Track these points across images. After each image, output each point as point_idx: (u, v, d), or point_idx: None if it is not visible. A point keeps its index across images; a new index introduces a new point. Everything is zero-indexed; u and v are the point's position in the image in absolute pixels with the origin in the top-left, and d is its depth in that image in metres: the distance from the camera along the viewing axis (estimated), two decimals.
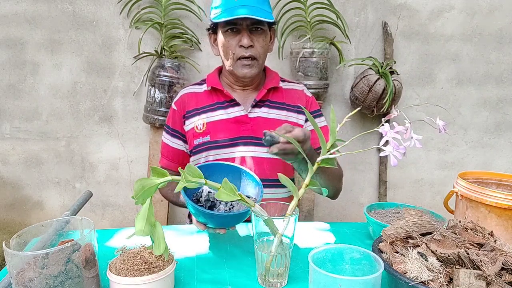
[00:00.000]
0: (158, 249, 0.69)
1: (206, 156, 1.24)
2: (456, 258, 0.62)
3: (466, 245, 0.66)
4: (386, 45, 2.04)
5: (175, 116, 1.31)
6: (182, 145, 1.31)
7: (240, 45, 1.17)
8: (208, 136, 1.24)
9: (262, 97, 1.26)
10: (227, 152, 1.23)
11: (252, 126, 1.24)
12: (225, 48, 1.19)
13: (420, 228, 0.74)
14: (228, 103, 1.26)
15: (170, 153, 1.33)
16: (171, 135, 1.32)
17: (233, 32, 1.17)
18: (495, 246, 0.64)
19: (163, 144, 1.35)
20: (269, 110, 1.27)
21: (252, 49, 1.17)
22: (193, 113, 1.28)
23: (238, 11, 1.11)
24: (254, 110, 1.26)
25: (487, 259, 0.61)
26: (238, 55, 1.18)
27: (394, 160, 0.66)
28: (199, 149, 1.25)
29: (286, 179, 0.80)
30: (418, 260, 0.64)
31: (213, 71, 1.34)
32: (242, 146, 1.24)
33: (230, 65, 1.21)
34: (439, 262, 0.63)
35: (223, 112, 1.26)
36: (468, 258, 0.61)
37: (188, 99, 1.31)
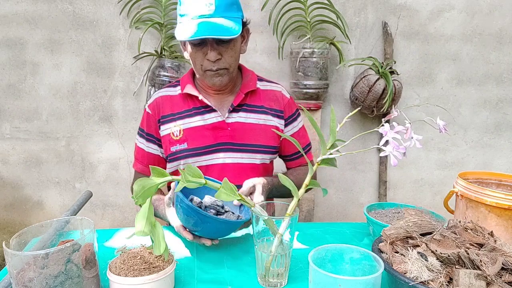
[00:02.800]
0: (158, 249, 0.69)
1: (184, 163, 1.19)
2: (456, 258, 0.62)
3: (466, 245, 0.66)
4: (386, 45, 2.04)
5: (149, 120, 1.25)
6: (157, 150, 1.26)
7: (207, 59, 1.11)
8: (186, 144, 1.19)
9: (239, 101, 1.21)
10: (205, 160, 1.19)
11: (231, 132, 1.20)
12: (193, 58, 1.14)
13: (420, 228, 0.74)
14: (205, 109, 1.21)
15: (145, 158, 1.27)
16: (145, 140, 1.26)
17: (199, 45, 1.10)
18: (495, 246, 0.64)
19: (137, 148, 1.29)
20: (247, 115, 1.22)
21: (220, 61, 1.11)
22: (169, 118, 1.22)
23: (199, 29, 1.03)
24: (231, 115, 1.21)
25: (487, 259, 0.61)
26: (205, 68, 1.13)
27: (394, 160, 0.66)
28: (176, 157, 1.20)
29: (285, 179, 0.80)
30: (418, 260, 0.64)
31: (187, 73, 1.27)
32: (220, 153, 1.19)
33: (199, 74, 1.17)
34: (439, 262, 0.63)
35: (200, 118, 1.20)
36: (468, 258, 0.61)
37: (163, 102, 1.24)
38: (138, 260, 0.74)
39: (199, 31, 1.04)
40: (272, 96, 1.28)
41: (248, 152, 1.21)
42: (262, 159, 1.24)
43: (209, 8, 1.05)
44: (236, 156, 1.20)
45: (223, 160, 1.20)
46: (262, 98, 1.26)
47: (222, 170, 1.20)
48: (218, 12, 1.06)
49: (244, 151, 1.21)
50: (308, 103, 1.99)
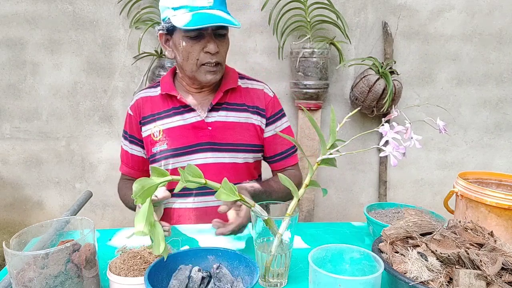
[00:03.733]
0: (157, 249, 0.69)
1: (165, 164, 1.18)
2: (456, 258, 0.62)
3: (466, 245, 0.66)
4: (386, 45, 2.04)
5: (131, 122, 1.23)
6: (141, 151, 1.25)
7: (205, 52, 1.09)
8: (166, 144, 1.18)
9: (218, 99, 1.19)
10: (186, 160, 1.17)
11: (211, 132, 1.18)
12: (186, 53, 1.10)
13: (420, 228, 0.74)
14: (184, 109, 1.19)
15: (129, 160, 1.26)
16: (129, 142, 1.25)
17: (196, 37, 1.08)
18: (495, 246, 0.64)
19: (122, 150, 1.28)
20: (227, 113, 1.20)
21: (218, 55, 1.11)
22: (149, 119, 1.21)
23: (205, 18, 1.03)
24: (211, 115, 1.19)
25: (487, 259, 0.61)
26: (202, 61, 1.10)
27: (394, 160, 0.65)
28: (157, 158, 1.19)
29: (286, 179, 0.80)
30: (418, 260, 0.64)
31: (167, 74, 1.26)
32: (201, 153, 1.18)
33: (192, 70, 1.13)
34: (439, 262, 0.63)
35: (179, 118, 1.18)
36: (468, 258, 0.61)
37: (143, 103, 1.22)
38: (138, 260, 0.74)
39: (209, 19, 1.03)
40: (253, 94, 1.25)
41: (229, 152, 1.19)
42: (244, 158, 1.21)
43: (208, 0, 1.06)
44: (217, 156, 1.19)
45: (204, 160, 1.18)
46: (244, 95, 1.23)
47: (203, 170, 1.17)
48: (216, 5, 1.07)
49: (225, 151, 1.19)
50: (308, 103, 1.99)
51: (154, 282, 0.66)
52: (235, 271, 0.73)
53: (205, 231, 1.10)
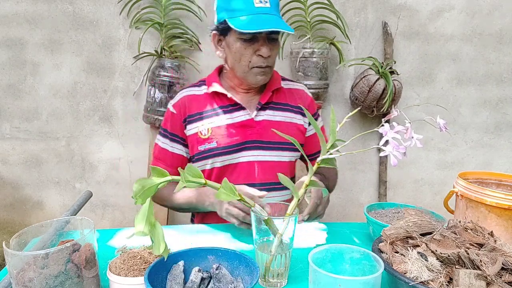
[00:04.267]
0: (157, 249, 0.69)
1: (213, 162, 1.20)
2: (456, 258, 0.62)
3: (466, 245, 0.66)
4: (386, 45, 2.04)
5: (174, 120, 1.24)
6: (182, 150, 1.26)
7: (258, 55, 1.12)
8: (215, 142, 1.19)
9: (267, 99, 1.23)
10: (233, 158, 1.20)
11: (259, 130, 1.21)
12: (239, 55, 1.14)
13: (420, 228, 0.74)
14: (233, 107, 1.22)
15: (168, 158, 1.26)
16: (169, 140, 1.26)
17: (250, 40, 1.11)
18: (495, 246, 0.64)
19: (158, 148, 1.28)
20: (274, 113, 1.24)
21: (269, 58, 1.15)
22: (196, 117, 1.22)
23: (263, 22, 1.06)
24: (259, 113, 1.22)
25: (487, 259, 0.61)
26: (254, 64, 1.14)
27: (394, 160, 0.65)
28: (204, 156, 1.21)
29: (286, 180, 0.80)
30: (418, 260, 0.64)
31: (212, 73, 1.29)
32: (248, 150, 1.21)
33: (243, 71, 1.16)
34: (439, 262, 0.63)
35: (228, 117, 1.21)
36: (468, 258, 0.61)
37: (189, 102, 1.24)
38: (138, 260, 0.74)
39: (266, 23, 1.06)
40: (296, 94, 1.30)
41: (276, 150, 1.22)
42: (290, 156, 1.25)
43: (264, 4, 1.09)
44: (264, 154, 1.22)
45: (250, 158, 1.21)
46: (287, 96, 1.28)
47: (250, 168, 1.21)
48: (272, 10, 1.10)
49: (272, 149, 1.22)
50: None
51: (154, 282, 0.66)
52: (235, 271, 0.73)
53: (205, 231, 1.10)
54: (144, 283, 0.64)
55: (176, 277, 0.71)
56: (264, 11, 1.08)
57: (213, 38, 1.20)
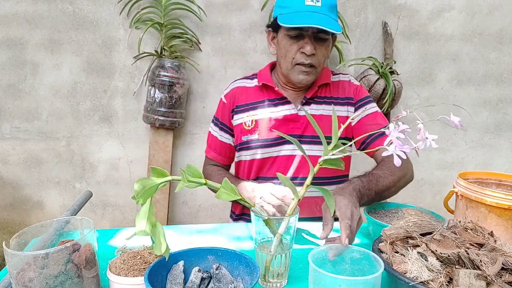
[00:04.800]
0: (158, 249, 0.69)
1: (253, 154, 1.23)
2: (456, 258, 0.62)
3: (466, 245, 0.66)
4: (386, 45, 2.04)
5: (224, 109, 1.29)
6: (229, 139, 1.31)
7: (301, 51, 1.13)
8: (257, 134, 1.22)
9: (312, 94, 1.23)
10: (275, 151, 1.22)
11: (302, 124, 1.22)
12: (285, 51, 1.15)
13: (420, 228, 0.74)
14: (278, 101, 1.24)
15: (218, 146, 1.32)
16: (219, 128, 1.31)
17: (296, 37, 1.13)
18: (495, 246, 0.64)
19: (210, 135, 1.34)
20: (317, 107, 1.24)
21: (314, 57, 1.14)
22: (243, 108, 1.26)
23: (307, 19, 1.07)
24: (304, 108, 1.23)
25: (487, 259, 0.61)
26: (297, 61, 1.14)
27: (398, 160, 0.65)
28: (246, 146, 1.24)
29: (285, 179, 0.80)
30: (418, 260, 0.64)
31: (265, 67, 1.31)
32: (289, 144, 1.22)
33: (287, 68, 1.18)
34: (439, 262, 0.63)
35: (273, 110, 1.23)
36: (468, 258, 0.61)
37: (238, 93, 1.28)
38: (138, 260, 0.74)
39: (310, 20, 1.06)
40: (341, 85, 1.29)
41: (318, 144, 1.22)
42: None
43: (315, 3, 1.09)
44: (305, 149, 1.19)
45: (291, 152, 1.22)
46: (332, 89, 1.28)
47: (288, 162, 1.22)
48: (323, 9, 1.10)
49: (314, 143, 1.22)
50: None
51: (154, 282, 0.66)
52: (235, 271, 0.73)
53: (205, 231, 1.10)
54: (144, 283, 0.64)
55: (176, 277, 0.71)
56: (313, 9, 1.09)
57: (267, 35, 1.24)
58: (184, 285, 0.71)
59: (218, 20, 2.00)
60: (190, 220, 2.20)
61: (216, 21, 1.99)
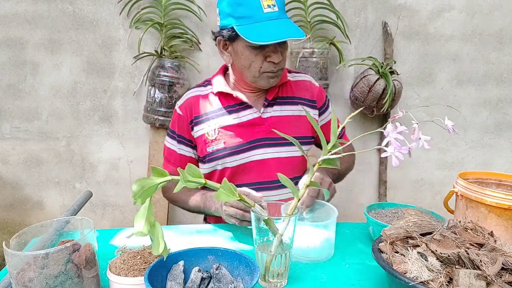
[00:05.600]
0: (156, 249, 0.69)
1: (223, 163, 1.19)
2: (456, 258, 0.62)
3: (466, 245, 0.66)
4: (386, 45, 2.04)
5: (181, 122, 1.23)
6: (190, 151, 1.24)
7: (269, 61, 1.10)
8: (222, 143, 1.18)
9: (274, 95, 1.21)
10: (243, 157, 1.18)
11: (267, 127, 1.19)
12: (248, 61, 1.11)
13: (420, 228, 0.74)
14: (239, 106, 1.20)
15: (177, 160, 1.25)
16: (177, 141, 1.24)
17: (260, 47, 1.08)
18: (495, 246, 0.64)
19: (167, 149, 1.27)
20: (281, 108, 1.22)
21: (281, 63, 1.12)
22: (202, 118, 1.21)
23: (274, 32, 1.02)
24: (267, 110, 1.21)
25: (487, 259, 0.61)
26: (265, 70, 1.11)
27: (396, 161, 0.65)
28: (213, 157, 1.19)
29: (286, 179, 0.80)
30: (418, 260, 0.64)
31: (217, 72, 1.27)
32: (259, 149, 1.19)
33: (253, 77, 1.14)
34: (439, 262, 0.63)
35: (235, 116, 1.19)
36: (468, 258, 0.61)
37: (194, 102, 1.22)
38: (138, 260, 0.74)
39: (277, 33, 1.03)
40: (303, 86, 1.27)
41: (287, 146, 1.20)
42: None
43: (272, 9, 1.05)
44: (275, 151, 1.19)
45: (262, 156, 1.19)
46: (294, 89, 1.26)
47: (261, 166, 1.19)
48: (281, 13, 1.08)
49: (282, 145, 1.20)
50: None
51: (154, 282, 0.66)
52: (235, 271, 0.73)
53: (205, 231, 1.10)
54: (144, 283, 0.64)
55: (176, 277, 0.71)
56: (272, 16, 1.05)
57: (218, 43, 1.18)
58: (184, 285, 0.71)
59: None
60: (190, 220, 2.20)
61: (216, 21, 1.99)
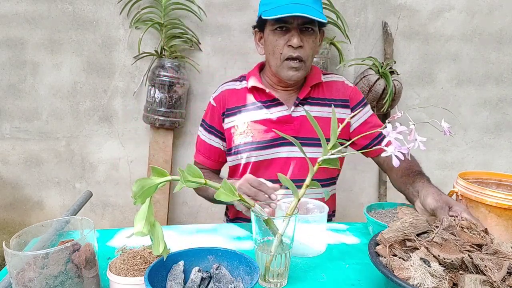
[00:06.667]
0: (157, 249, 0.69)
1: (248, 157, 1.20)
2: (459, 263, 0.61)
3: (467, 247, 0.65)
4: (386, 45, 2.04)
5: (213, 113, 1.26)
6: (219, 143, 1.28)
7: (289, 45, 1.11)
8: (250, 137, 1.20)
9: (305, 95, 1.21)
10: (269, 153, 1.20)
11: (296, 126, 1.20)
12: (272, 47, 1.14)
13: (416, 228, 0.72)
14: (271, 103, 1.21)
15: (206, 150, 1.29)
16: (208, 132, 1.28)
17: (282, 30, 1.11)
18: (497, 249, 0.63)
19: (199, 139, 1.31)
20: (311, 108, 1.22)
21: (301, 50, 1.12)
22: (234, 111, 1.23)
23: (290, 9, 1.06)
24: (297, 109, 1.21)
25: (492, 264, 0.59)
26: (285, 55, 1.12)
27: (396, 160, 0.65)
28: (240, 150, 1.21)
29: (285, 179, 0.80)
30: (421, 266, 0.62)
31: (253, 69, 1.29)
32: (285, 146, 1.20)
33: (276, 65, 1.16)
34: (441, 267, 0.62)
35: (266, 112, 1.21)
36: (472, 263, 0.60)
37: (228, 95, 1.25)
38: (138, 260, 0.74)
39: (294, 10, 1.05)
40: (335, 86, 1.27)
41: (312, 146, 1.19)
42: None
43: None
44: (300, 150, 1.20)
45: (287, 154, 1.20)
46: (326, 90, 1.26)
47: (285, 164, 1.20)
48: (307, 1, 1.09)
49: (308, 145, 1.19)
50: None
51: (154, 282, 0.66)
52: (235, 271, 0.73)
53: (205, 231, 1.10)
54: (144, 283, 0.64)
55: (176, 277, 0.71)
56: (297, 1, 1.08)
57: (254, 36, 1.23)
58: (184, 285, 0.71)
59: (218, 20, 2.00)
60: (190, 220, 2.20)
61: (216, 21, 1.99)
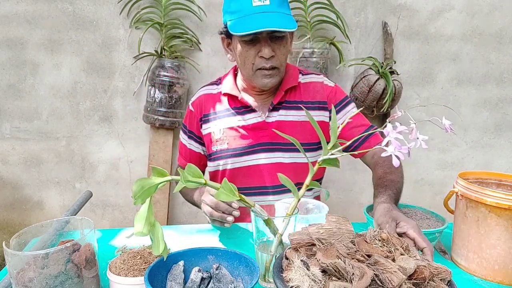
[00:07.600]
0: (157, 249, 0.69)
1: (224, 164, 1.19)
2: (334, 268, 0.59)
3: (357, 256, 0.62)
4: (386, 45, 2.04)
5: (192, 118, 1.25)
6: (198, 148, 1.27)
7: (260, 56, 1.07)
8: (226, 144, 1.18)
9: (279, 99, 1.18)
10: (245, 160, 1.18)
11: (271, 132, 1.16)
12: (243, 57, 1.09)
13: (332, 236, 0.68)
14: (245, 109, 1.19)
15: (187, 154, 1.28)
16: (187, 136, 1.28)
17: (251, 41, 1.06)
18: (378, 260, 0.60)
19: (180, 143, 1.31)
20: (287, 112, 1.19)
21: (273, 59, 1.08)
22: (211, 117, 1.22)
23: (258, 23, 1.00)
24: (271, 115, 1.18)
25: (359, 273, 0.57)
26: (257, 66, 1.09)
27: (397, 160, 0.65)
28: (217, 156, 1.20)
29: (286, 180, 0.80)
30: (300, 268, 0.60)
31: (228, 73, 1.26)
32: (261, 153, 1.18)
33: (248, 75, 1.12)
34: (321, 272, 0.59)
35: (240, 118, 1.19)
36: (345, 270, 0.57)
37: (205, 101, 1.24)
38: (138, 260, 0.74)
39: (261, 23, 1.00)
40: (312, 88, 1.22)
41: (289, 151, 1.18)
42: (309, 157, 1.16)
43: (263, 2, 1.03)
44: (277, 156, 1.18)
45: (264, 160, 1.18)
46: (303, 92, 1.22)
47: (263, 171, 1.18)
48: (273, 7, 1.04)
49: (285, 151, 1.18)
50: None
51: (154, 282, 0.66)
52: (235, 271, 0.73)
53: (205, 231, 1.10)
54: (144, 283, 0.64)
55: (176, 277, 0.71)
56: (262, 9, 1.02)
57: (222, 41, 1.18)
58: (184, 285, 0.71)
59: (218, 20, 1.99)
60: (190, 220, 2.20)
61: (216, 21, 1.99)
